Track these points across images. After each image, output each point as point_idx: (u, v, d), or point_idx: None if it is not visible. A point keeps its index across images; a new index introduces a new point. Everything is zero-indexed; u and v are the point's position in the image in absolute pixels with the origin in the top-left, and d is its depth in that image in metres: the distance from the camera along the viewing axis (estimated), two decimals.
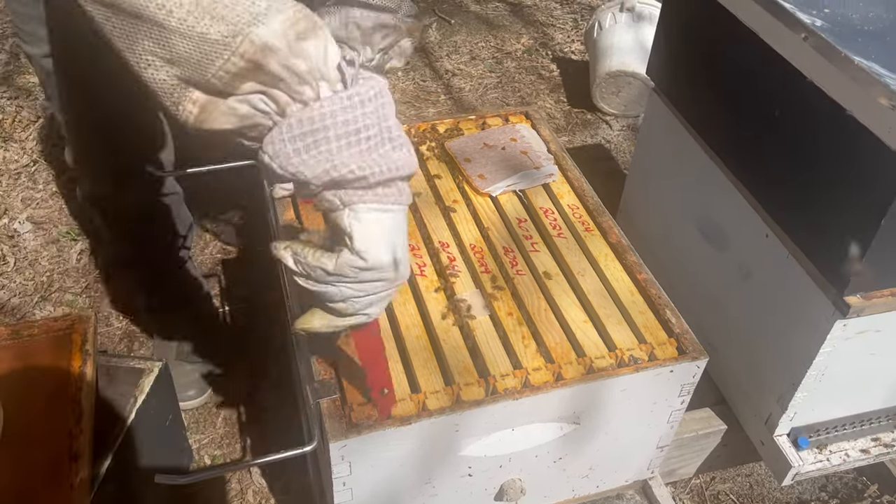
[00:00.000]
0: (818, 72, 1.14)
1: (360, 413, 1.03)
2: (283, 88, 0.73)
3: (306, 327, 0.89)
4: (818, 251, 1.22)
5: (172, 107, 0.74)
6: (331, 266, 0.80)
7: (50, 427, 1.20)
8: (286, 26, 0.71)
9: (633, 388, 1.13)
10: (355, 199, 0.78)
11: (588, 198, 1.40)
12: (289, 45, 0.71)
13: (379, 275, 0.82)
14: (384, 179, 0.78)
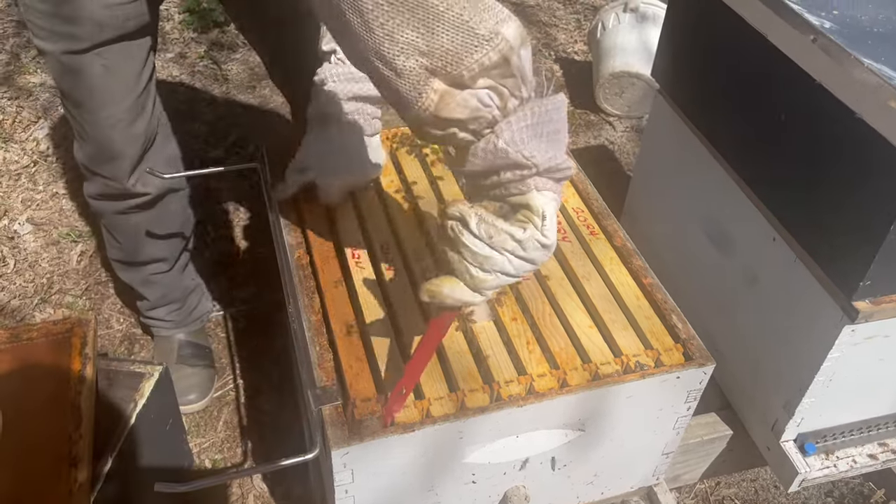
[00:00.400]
0: (827, 74, 1.13)
1: (364, 409, 1.01)
2: (508, 86, 0.82)
3: (435, 290, 0.93)
4: (826, 255, 1.21)
5: (412, 93, 0.82)
6: (519, 234, 0.88)
7: (49, 431, 1.19)
8: (519, 31, 0.81)
9: (638, 395, 1.12)
10: (548, 186, 0.89)
11: (593, 201, 1.38)
12: (520, 49, 0.81)
13: (544, 256, 0.91)
14: (567, 176, 0.91)
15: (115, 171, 1.58)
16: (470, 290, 0.92)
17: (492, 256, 0.89)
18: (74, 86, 1.46)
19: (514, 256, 0.90)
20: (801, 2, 1.19)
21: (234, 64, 3.07)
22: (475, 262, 0.90)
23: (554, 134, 0.88)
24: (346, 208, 1.34)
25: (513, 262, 0.90)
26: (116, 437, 1.32)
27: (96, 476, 1.23)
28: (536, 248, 0.89)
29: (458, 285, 0.92)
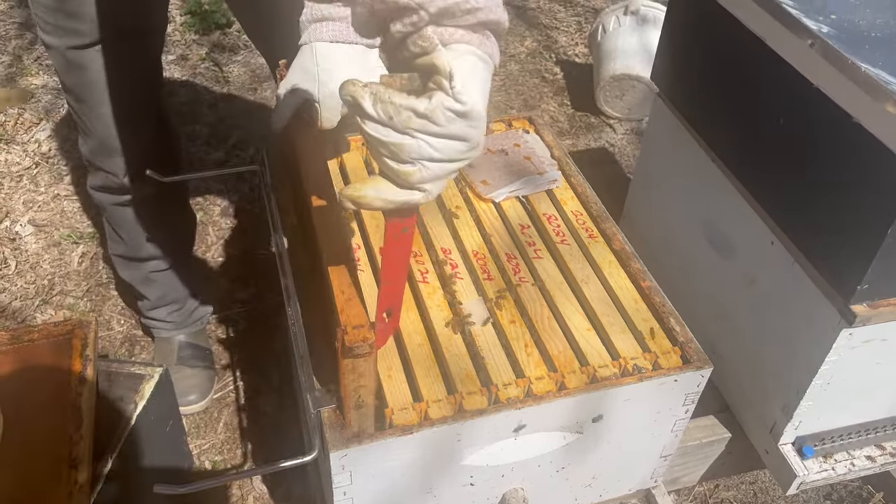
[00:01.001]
0: (825, 78, 1.13)
1: (355, 336, 0.92)
2: None
3: (356, 195, 0.79)
4: (824, 259, 1.21)
5: None
6: (422, 107, 0.72)
7: (50, 432, 1.20)
8: None
9: (636, 398, 1.12)
10: (457, 37, 0.74)
11: (592, 204, 1.39)
12: None
13: (467, 129, 0.74)
14: (491, 20, 0.74)
15: (114, 166, 1.60)
16: (399, 188, 0.78)
17: (402, 142, 0.74)
18: (77, 81, 1.48)
19: (428, 136, 0.74)
20: (800, 6, 1.19)
21: (235, 66, 3.08)
22: (388, 152, 0.76)
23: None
24: None
25: (432, 144, 0.75)
26: (117, 438, 1.32)
27: (96, 477, 1.23)
28: (451, 118, 0.73)
29: (384, 184, 0.78)
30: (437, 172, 0.78)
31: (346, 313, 0.95)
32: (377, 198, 0.79)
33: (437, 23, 0.74)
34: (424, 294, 1.20)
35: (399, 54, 0.77)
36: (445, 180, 0.81)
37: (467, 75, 0.73)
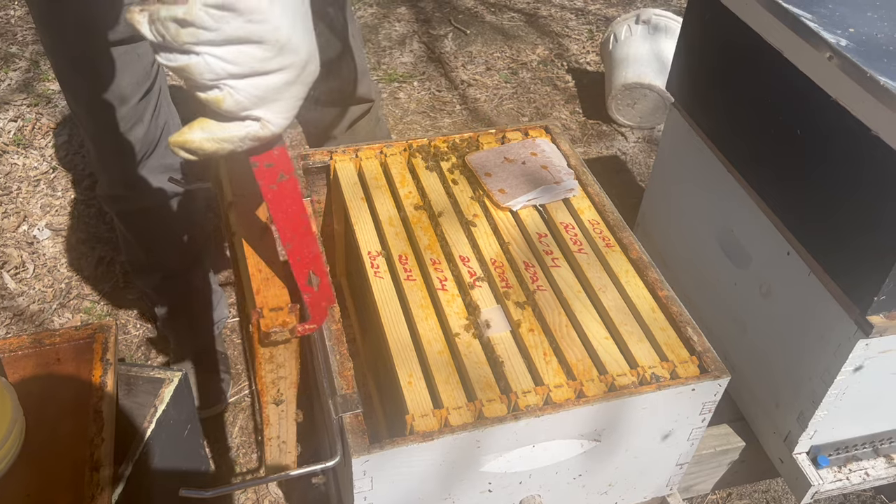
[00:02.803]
0: (843, 91, 1.14)
1: (272, 320, 0.81)
2: None
3: (183, 140, 0.71)
4: (840, 270, 1.22)
5: None
6: (182, 11, 0.62)
7: (71, 435, 1.21)
8: None
9: (654, 406, 1.13)
10: None
11: (608, 213, 1.40)
12: None
13: (248, 27, 0.63)
14: None
15: (113, 174, 1.61)
16: (223, 121, 0.69)
17: (187, 63, 0.65)
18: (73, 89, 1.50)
19: (207, 47, 0.64)
20: (818, 19, 1.20)
21: None
22: (184, 80, 0.67)
23: None
24: (365, 217, 1.36)
25: (218, 55, 0.64)
26: (137, 441, 1.34)
27: (117, 480, 1.25)
28: (219, 17, 0.62)
29: (209, 123, 0.70)
30: (253, 92, 0.68)
31: (263, 294, 0.85)
32: (207, 139, 0.70)
33: None
34: (443, 301, 1.22)
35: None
36: (283, 102, 0.70)
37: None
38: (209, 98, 0.67)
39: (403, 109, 3.00)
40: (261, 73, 0.67)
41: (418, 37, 3.45)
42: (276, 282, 0.87)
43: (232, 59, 0.65)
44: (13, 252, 2.27)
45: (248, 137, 0.71)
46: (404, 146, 1.51)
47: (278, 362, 0.87)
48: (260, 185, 0.78)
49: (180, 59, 0.65)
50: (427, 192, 1.41)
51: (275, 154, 0.76)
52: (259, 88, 0.68)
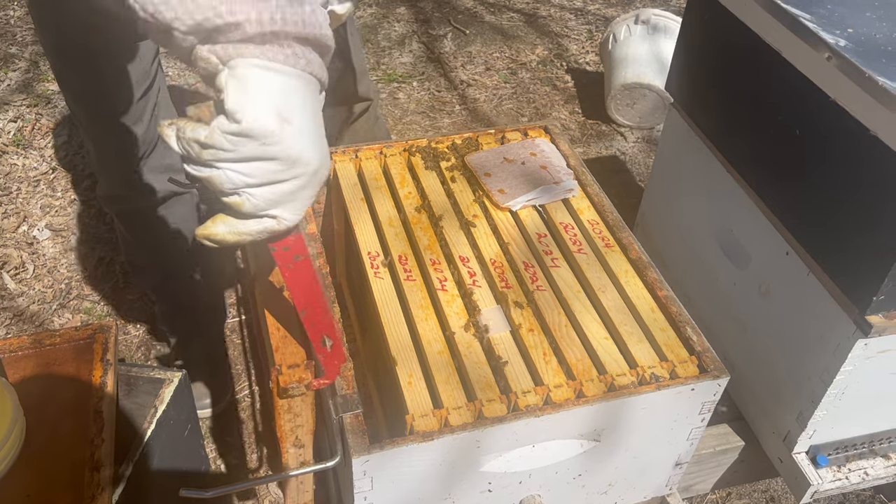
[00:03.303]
0: (841, 91, 1.14)
1: (290, 377, 0.91)
2: None
3: (208, 234, 0.77)
4: (839, 270, 1.22)
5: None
6: (203, 135, 0.69)
7: (71, 436, 1.21)
8: None
9: (654, 406, 1.13)
10: (234, 53, 0.68)
11: (608, 213, 1.40)
12: None
13: (262, 148, 0.70)
14: (265, 32, 0.68)
15: (113, 173, 1.61)
16: (243, 219, 0.76)
17: (210, 175, 0.71)
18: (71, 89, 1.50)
19: (227, 163, 0.70)
20: (816, 20, 1.20)
21: None
22: (209, 186, 0.73)
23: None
24: (365, 217, 1.37)
25: (238, 170, 0.71)
26: (137, 441, 1.34)
27: (117, 480, 1.25)
28: (236, 141, 0.68)
29: (229, 220, 0.76)
30: (269, 197, 0.74)
31: (281, 352, 0.95)
32: (230, 232, 0.77)
33: (211, 41, 0.68)
34: (443, 302, 1.22)
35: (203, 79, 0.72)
36: (297, 203, 0.77)
37: (242, 89, 0.68)
38: (230, 202, 0.74)
39: (403, 110, 3.01)
40: (275, 182, 0.73)
41: (417, 37, 3.45)
42: (293, 340, 0.96)
43: (249, 172, 0.71)
44: (13, 252, 2.27)
45: (266, 231, 0.78)
46: (404, 146, 1.51)
47: (296, 412, 0.96)
48: (278, 265, 0.86)
49: (204, 171, 0.71)
50: (427, 193, 1.42)
51: (291, 240, 0.84)
52: (274, 194, 0.74)
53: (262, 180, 0.72)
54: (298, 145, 0.72)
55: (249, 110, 0.68)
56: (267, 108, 0.69)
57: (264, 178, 0.72)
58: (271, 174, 0.72)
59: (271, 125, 0.69)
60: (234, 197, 0.73)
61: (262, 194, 0.73)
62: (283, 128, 0.70)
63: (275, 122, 0.69)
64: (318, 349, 0.93)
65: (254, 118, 0.68)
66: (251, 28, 0.67)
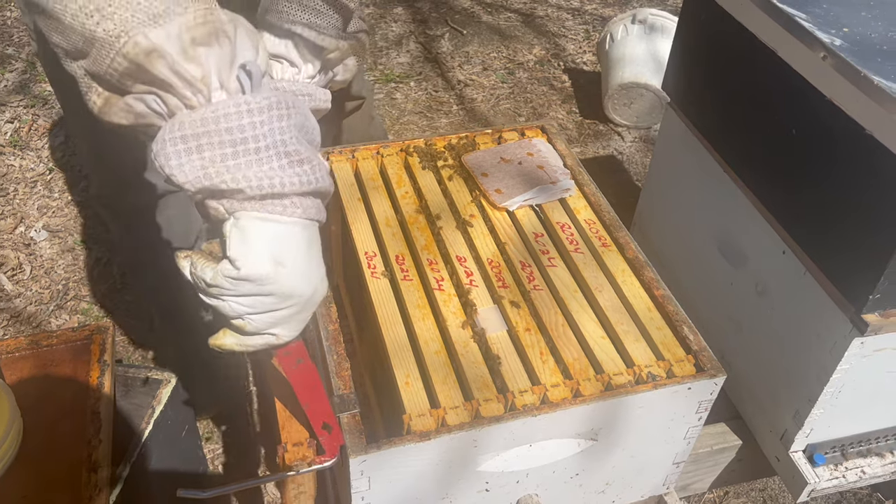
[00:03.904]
0: (837, 90, 1.15)
1: (294, 454, 1.03)
2: (173, 92, 0.73)
3: (218, 344, 0.88)
4: (836, 269, 1.22)
5: (84, 96, 0.78)
6: (209, 276, 0.79)
7: (68, 437, 1.21)
8: (181, 30, 0.70)
9: (650, 405, 1.13)
10: (237, 207, 0.78)
11: (605, 213, 1.40)
12: (182, 50, 0.71)
13: (259, 288, 0.80)
14: (263, 195, 0.77)
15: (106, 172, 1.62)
16: (245, 335, 0.86)
17: (216, 304, 0.82)
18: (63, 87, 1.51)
19: (232, 297, 0.81)
20: (812, 19, 1.21)
21: None
22: (218, 312, 0.84)
23: (233, 145, 0.74)
24: (362, 217, 1.37)
25: (239, 303, 0.82)
26: (134, 442, 1.34)
27: (114, 480, 1.25)
28: (235, 283, 0.79)
29: (235, 334, 0.87)
30: (268, 321, 0.85)
31: (287, 430, 1.05)
32: (236, 344, 0.87)
33: (217, 198, 0.78)
34: (440, 301, 1.22)
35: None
36: (293, 323, 0.88)
37: (243, 241, 0.78)
38: (235, 324, 0.84)
39: (400, 110, 3.01)
40: (272, 311, 0.84)
41: (415, 37, 3.45)
42: (297, 420, 1.07)
43: (249, 305, 0.82)
44: (10, 254, 2.27)
45: (267, 345, 0.89)
46: (401, 146, 1.51)
47: (299, 482, 1.07)
48: (281, 367, 0.97)
49: (211, 301, 0.82)
50: (424, 193, 1.42)
51: (292, 346, 0.94)
52: (273, 318, 0.85)
53: (261, 310, 0.83)
54: (291, 283, 0.82)
55: (248, 259, 0.78)
56: (263, 256, 0.79)
57: (262, 309, 0.83)
58: (268, 306, 0.83)
59: (266, 270, 0.79)
60: (238, 321, 0.84)
61: (261, 319, 0.84)
62: (278, 270, 0.80)
63: (270, 267, 0.79)
64: (319, 432, 1.03)
65: (252, 265, 0.78)
66: (252, 192, 0.76)
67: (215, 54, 0.73)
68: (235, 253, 0.78)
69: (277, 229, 0.79)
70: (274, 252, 0.79)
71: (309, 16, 1.11)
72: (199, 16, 0.71)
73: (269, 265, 0.79)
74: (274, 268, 0.79)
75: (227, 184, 0.75)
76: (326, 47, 1.13)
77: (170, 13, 0.70)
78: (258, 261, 0.78)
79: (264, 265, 0.79)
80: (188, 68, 0.72)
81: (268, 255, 0.79)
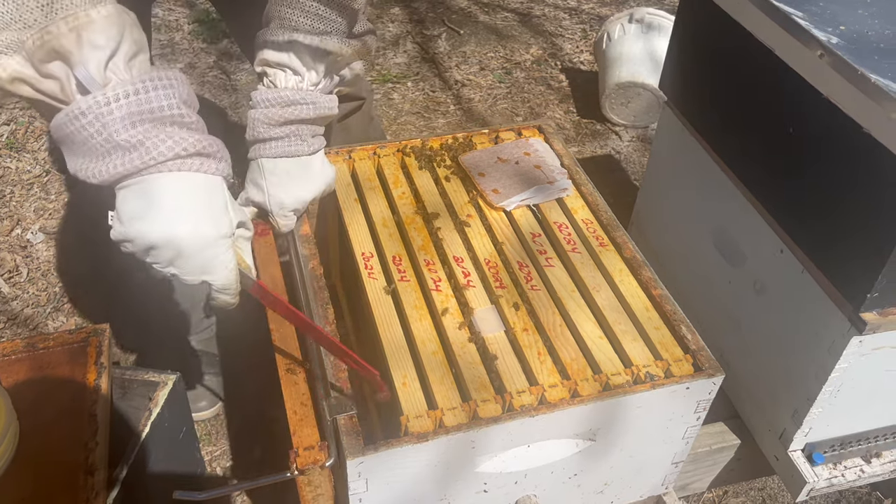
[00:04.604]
0: (834, 89, 1.14)
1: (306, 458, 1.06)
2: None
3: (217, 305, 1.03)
4: (834, 267, 1.22)
5: None
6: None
7: (66, 439, 1.21)
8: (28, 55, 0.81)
9: (649, 405, 1.13)
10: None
11: (602, 212, 1.40)
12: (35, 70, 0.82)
13: (128, 247, 0.94)
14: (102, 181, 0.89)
15: None
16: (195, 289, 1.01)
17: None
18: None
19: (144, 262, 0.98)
20: (809, 17, 1.20)
21: (243, 74, 3.10)
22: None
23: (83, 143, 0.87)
24: (358, 218, 1.36)
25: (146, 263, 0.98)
26: (132, 445, 1.33)
27: (112, 483, 1.25)
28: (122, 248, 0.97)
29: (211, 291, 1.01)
30: (173, 270, 0.97)
31: (298, 435, 1.07)
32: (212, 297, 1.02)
33: None
34: (437, 302, 1.22)
35: None
36: (196, 263, 0.97)
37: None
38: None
39: (397, 110, 3.00)
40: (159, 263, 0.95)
41: (412, 37, 3.45)
42: (308, 423, 1.09)
43: (149, 263, 0.96)
44: (7, 256, 2.26)
45: (217, 290, 0.99)
46: (398, 147, 1.51)
47: (315, 484, 1.08)
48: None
49: None
50: (421, 193, 1.41)
51: (255, 289, 1.05)
52: (172, 268, 0.96)
53: (157, 263, 0.95)
54: (142, 236, 0.92)
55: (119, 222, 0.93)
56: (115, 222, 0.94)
57: (154, 261, 0.95)
58: (154, 258, 0.94)
59: (116, 231, 0.93)
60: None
61: (166, 271, 0.96)
62: (127, 229, 0.92)
63: (119, 227, 0.93)
64: (353, 366, 1.07)
65: (112, 233, 0.94)
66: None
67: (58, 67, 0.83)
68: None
69: (122, 194, 0.91)
70: (120, 215, 0.92)
71: (311, 21, 1.11)
72: (37, 39, 0.80)
73: (119, 227, 0.92)
74: (123, 227, 0.91)
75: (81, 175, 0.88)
76: (331, 51, 1.13)
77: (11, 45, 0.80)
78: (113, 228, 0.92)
79: (115, 229, 0.92)
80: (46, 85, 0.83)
81: (116, 220, 0.92)
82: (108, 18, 0.84)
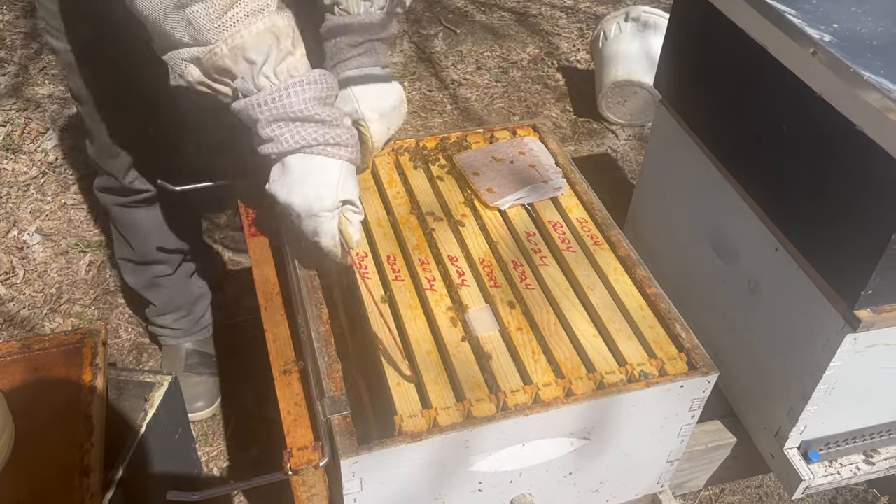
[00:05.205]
0: (827, 86, 1.14)
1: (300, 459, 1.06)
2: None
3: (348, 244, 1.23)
4: (828, 265, 1.22)
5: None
6: None
7: (61, 440, 1.21)
8: None
9: (643, 404, 1.13)
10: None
11: (597, 211, 1.40)
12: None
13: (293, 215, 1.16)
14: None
15: (113, 167, 1.62)
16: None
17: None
18: (78, 83, 1.50)
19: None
20: (801, 15, 1.20)
21: None
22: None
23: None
24: None
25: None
26: (127, 446, 1.34)
27: (107, 484, 1.25)
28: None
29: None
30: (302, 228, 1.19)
31: (292, 435, 1.08)
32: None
33: None
34: (432, 301, 1.22)
35: None
36: (316, 230, 1.18)
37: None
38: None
39: None
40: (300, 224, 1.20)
41: (408, 37, 3.45)
42: (302, 423, 1.11)
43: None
44: (3, 257, 2.27)
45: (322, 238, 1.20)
46: (392, 146, 1.51)
47: (309, 484, 1.10)
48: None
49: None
50: (415, 193, 1.41)
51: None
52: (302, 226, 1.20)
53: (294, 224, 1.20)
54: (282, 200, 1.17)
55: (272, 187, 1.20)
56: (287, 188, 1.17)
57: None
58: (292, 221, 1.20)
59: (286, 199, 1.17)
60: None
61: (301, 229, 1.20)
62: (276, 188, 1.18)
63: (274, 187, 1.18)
64: None
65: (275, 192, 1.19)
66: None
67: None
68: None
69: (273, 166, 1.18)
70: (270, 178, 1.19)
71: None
72: (207, 59, 1.07)
73: (268, 185, 1.19)
74: (269, 186, 1.18)
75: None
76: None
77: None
78: (284, 192, 1.17)
79: (268, 185, 1.19)
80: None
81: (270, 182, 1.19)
82: (259, 36, 1.04)
